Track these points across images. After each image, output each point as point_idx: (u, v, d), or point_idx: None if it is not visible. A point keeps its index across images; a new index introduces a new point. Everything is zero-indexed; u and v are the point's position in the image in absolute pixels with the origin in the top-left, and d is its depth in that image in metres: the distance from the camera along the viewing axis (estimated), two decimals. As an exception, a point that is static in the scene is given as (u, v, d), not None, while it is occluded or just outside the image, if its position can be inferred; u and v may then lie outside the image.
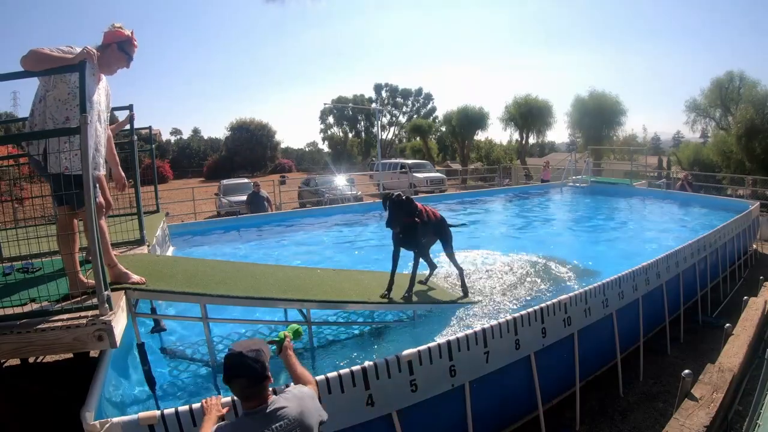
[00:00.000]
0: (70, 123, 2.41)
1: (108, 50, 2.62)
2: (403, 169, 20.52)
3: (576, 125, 25.02)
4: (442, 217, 4.20)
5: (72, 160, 2.42)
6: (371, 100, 44.22)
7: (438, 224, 4.10)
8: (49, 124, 2.42)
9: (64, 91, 2.42)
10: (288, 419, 1.60)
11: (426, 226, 3.87)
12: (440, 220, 4.13)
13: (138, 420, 1.82)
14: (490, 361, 2.79)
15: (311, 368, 3.38)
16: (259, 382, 1.62)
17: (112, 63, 2.67)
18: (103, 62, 2.60)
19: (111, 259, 2.77)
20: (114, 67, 2.71)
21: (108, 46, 2.62)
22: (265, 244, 7.64)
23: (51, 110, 2.43)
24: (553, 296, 3.39)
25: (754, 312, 4.09)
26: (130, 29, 2.69)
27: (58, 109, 2.43)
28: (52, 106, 2.43)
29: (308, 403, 1.71)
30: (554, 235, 8.25)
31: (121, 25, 2.67)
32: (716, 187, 16.43)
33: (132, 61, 2.74)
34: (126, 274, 2.80)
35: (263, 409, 1.61)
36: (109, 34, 2.63)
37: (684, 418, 2.52)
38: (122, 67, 2.73)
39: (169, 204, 12.09)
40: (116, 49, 2.64)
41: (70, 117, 2.43)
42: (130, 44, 2.69)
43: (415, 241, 3.79)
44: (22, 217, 5.57)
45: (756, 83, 18.61)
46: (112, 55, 2.65)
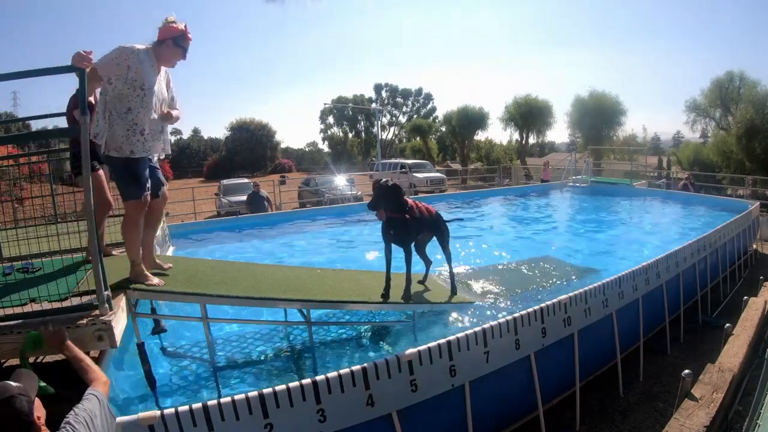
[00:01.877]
0: (131, 113, 2.66)
1: (164, 46, 2.76)
2: (403, 169, 20.51)
3: (576, 125, 25.05)
4: (438, 213, 4.08)
5: (135, 144, 2.69)
6: (371, 100, 44.25)
7: (433, 221, 3.98)
8: (112, 116, 2.66)
9: (124, 88, 2.63)
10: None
11: (418, 223, 3.75)
12: (435, 217, 4.01)
13: (138, 420, 1.81)
14: (490, 361, 2.79)
15: (311, 368, 3.39)
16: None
17: (170, 57, 2.81)
18: (161, 56, 2.77)
19: (136, 256, 2.86)
20: (173, 60, 2.85)
21: (163, 42, 2.75)
22: (265, 244, 7.63)
23: (111, 103, 2.66)
24: (553, 296, 3.39)
25: (754, 312, 4.09)
26: (183, 22, 2.81)
27: (119, 102, 2.65)
28: (112, 100, 2.66)
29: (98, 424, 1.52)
30: (554, 235, 8.25)
31: (174, 20, 2.78)
32: (716, 187, 16.43)
33: (187, 53, 2.86)
34: (146, 275, 2.87)
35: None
36: (164, 29, 2.75)
37: (684, 418, 2.52)
38: (180, 60, 2.87)
39: (169, 204, 12.07)
40: (171, 44, 2.76)
41: (131, 108, 2.67)
42: (184, 38, 2.80)
43: (405, 237, 3.66)
44: (22, 217, 5.57)
45: (756, 83, 18.65)
46: (168, 50, 2.78)
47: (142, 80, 2.67)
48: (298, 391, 2.08)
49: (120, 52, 2.60)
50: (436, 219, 4.00)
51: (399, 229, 3.59)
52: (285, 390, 2.05)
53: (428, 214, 3.90)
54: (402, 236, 3.63)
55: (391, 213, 3.51)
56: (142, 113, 2.70)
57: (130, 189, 2.72)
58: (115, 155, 2.69)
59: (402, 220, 3.57)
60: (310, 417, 2.12)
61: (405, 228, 3.60)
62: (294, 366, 3.47)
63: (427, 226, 3.94)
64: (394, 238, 3.64)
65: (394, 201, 3.50)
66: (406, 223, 3.59)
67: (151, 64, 2.72)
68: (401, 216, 3.55)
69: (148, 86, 2.69)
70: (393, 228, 3.59)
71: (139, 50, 2.67)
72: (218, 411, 1.91)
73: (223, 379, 3.18)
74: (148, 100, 2.72)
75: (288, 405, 2.05)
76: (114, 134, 2.66)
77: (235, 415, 1.94)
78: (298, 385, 2.09)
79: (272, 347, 3.69)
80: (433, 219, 3.96)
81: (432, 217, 3.95)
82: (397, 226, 3.58)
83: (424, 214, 3.83)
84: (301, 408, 2.09)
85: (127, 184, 2.72)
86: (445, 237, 4.09)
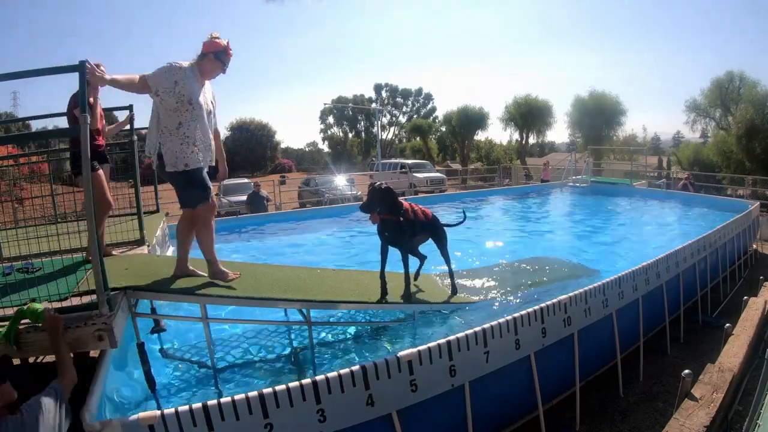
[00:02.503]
0: (182, 126, 2.81)
1: (206, 59, 2.93)
2: (403, 169, 20.51)
3: (576, 125, 25.05)
4: (435, 216, 4.10)
5: (189, 157, 2.84)
6: (371, 100, 44.26)
7: (429, 224, 4.00)
8: (164, 133, 2.82)
9: (172, 101, 2.79)
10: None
11: (413, 225, 3.76)
12: (432, 220, 4.03)
13: (138, 420, 1.82)
14: (490, 361, 2.79)
15: (311, 368, 3.39)
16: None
17: (211, 70, 2.98)
18: (203, 70, 2.94)
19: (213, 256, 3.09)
20: (213, 73, 3.02)
21: (206, 55, 2.93)
22: (265, 244, 7.64)
23: (164, 120, 2.83)
24: (553, 296, 3.39)
25: (754, 312, 4.09)
26: (226, 39, 2.98)
27: (170, 117, 2.82)
28: (164, 116, 2.83)
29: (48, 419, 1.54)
30: (554, 235, 8.25)
31: (218, 36, 2.95)
32: (716, 187, 16.42)
33: (227, 67, 3.03)
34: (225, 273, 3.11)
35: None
36: (207, 44, 2.93)
37: (684, 418, 2.52)
38: (219, 73, 3.04)
39: (169, 204, 12.06)
40: (213, 58, 2.93)
41: (182, 122, 2.82)
42: (225, 54, 2.97)
43: (400, 239, 3.69)
44: (22, 217, 5.58)
45: (756, 83, 18.64)
46: (210, 64, 2.95)
47: (190, 95, 2.84)
48: (298, 391, 2.08)
49: (169, 67, 2.80)
50: (432, 222, 4.02)
51: (393, 231, 3.64)
52: (285, 390, 2.05)
53: (424, 217, 3.91)
54: (397, 238, 3.67)
55: (385, 215, 3.57)
56: (193, 126, 2.87)
57: (196, 194, 2.93)
58: (171, 170, 2.85)
59: (396, 222, 3.61)
60: (310, 417, 2.12)
61: (399, 230, 3.64)
62: (294, 366, 3.47)
63: (423, 229, 3.96)
64: (389, 240, 3.68)
65: (388, 203, 3.56)
66: (401, 226, 3.64)
67: (195, 79, 2.89)
68: (395, 218, 3.60)
69: (195, 100, 2.86)
70: (388, 230, 3.63)
71: (185, 67, 2.85)
72: (218, 411, 1.91)
73: (223, 379, 3.19)
74: (197, 114, 2.89)
75: (288, 405, 2.05)
76: (168, 150, 2.83)
77: (235, 415, 1.94)
78: (298, 385, 2.09)
79: (272, 347, 3.69)
80: (429, 222, 3.98)
81: (428, 220, 3.97)
82: (392, 228, 3.63)
83: (419, 216, 3.86)
84: (301, 408, 2.09)
85: (191, 192, 2.93)
86: (443, 240, 4.12)
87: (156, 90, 2.76)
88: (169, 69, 2.79)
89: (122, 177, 5.21)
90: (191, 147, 2.85)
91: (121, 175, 5.09)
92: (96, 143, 3.41)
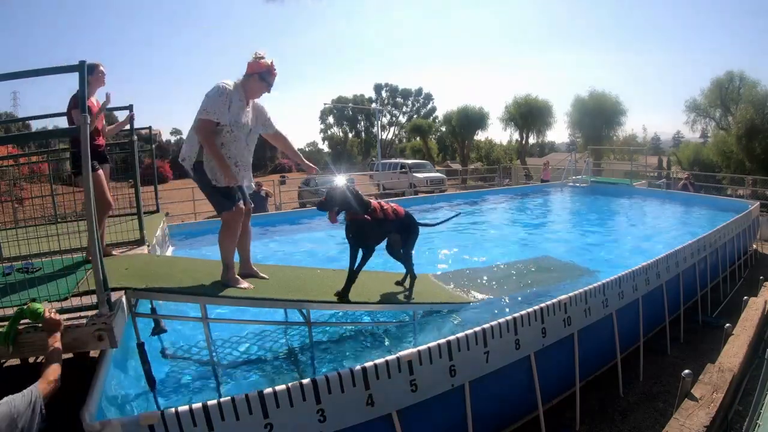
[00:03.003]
0: (223, 147, 2.94)
1: (251, 79, 3.01)
2: (403, 169, 20.52)
3: (576, 125, 25.05)
4: (408, 213, 3.86)
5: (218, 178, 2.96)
6: (371, 100, 44.25)
7: (401, 222, 3.76)
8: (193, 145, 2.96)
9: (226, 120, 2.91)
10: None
11: (381, 225, 3.55)
12: (404, 217, 3.79)
13: (138, 420, 1.82)
14: (490, 361, 2.79)
15: (311, 368, 3.39)
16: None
17: (256, 90, 3.07)
18: (248, 89, 3.03)
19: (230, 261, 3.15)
20: (258, 93, 3.10)
21: (251, 75, 3.01)
22: (265, 244, 7.64)
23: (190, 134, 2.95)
24: (553, 296, 3.38)
25: (754, 312, 4.09)
26: (270, 59, 3.04)
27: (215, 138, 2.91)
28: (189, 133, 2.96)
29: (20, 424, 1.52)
30: (554, 235, 8.26)
31: (263, 55, 3.02)
32: (716, 187, 16.43)
33: (272, 87, 3.12)
34: (237, 279, 3.15)
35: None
36: (252, 64, 3.01)
37: (684, 418, 2.52)
38: (265, 92, 3.12)
39: (169, 204, 12.08)
40: (258, 78, 3.01)
41: (223, 143, 2.94)
42: (269, 74, 3.04)
43: (364, 239, 3.50)
44: (22, 217, 5.58)
45: (756, 83, 18.64)
46: (255, 84, 3.03)
47: (232, 117, 2.93)
48: (298, 391, 2.08)
49: (221, 93, 2.88)
50: (403, 220, 3.79)
51: (359, 231, 3.46)
52: (285, 390, 2.05)
53: (395, 216, 3.69)
54: (361, 237, 3.48)
55: (351, 215, 3.39)
56: (233, 147, 2.98)
57: (221, 202, 3.03)
58: (214, 184, 2.97)
59: (363, 222, 3.42)
60: (310, 417, 2.12)
61: (365, 230, 3.45)
62: (294, 366, 3.47)
63: (396, 228, 3.74)
64: (353, 240, 3.49)
65: (348, 202, 3.34)
66: (368, 225, 3.44)
67: (239, 100, 2.98)
68: (361, 217, 3.40)
69: (236, 123, 2.95)
70: (353, 231, 3.46)
71: (232, 90, 2.94)
72: (218, 411, 1.91)
73: (223, 379, 3.19)
74: (237, 135, 2.98)
75: (288, 405, 2.05)
76: (212, 166, 2.94)
77: (235, 415, 1.94)
78: (298, 385, 2.09)
79: (272, 347, 3.69)
80: (400, 220, 3.75)
81: (399, 218, 3.74)
82: (358, 229, 3.45)
83: (389, 215, 3.63)
84: (301, 408, 2.09)
85: (217, 200, 3.04)
86: (412, 239, 3.88)
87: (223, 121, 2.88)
88: (222, 95, 2.87)
89: (122, 177, 5.20)
90: (231, 166, 2.96)
91: (121, 175, 5.09)
92: (96, 143, 3.41)
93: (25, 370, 3.48)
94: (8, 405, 1.54)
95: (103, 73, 3.39)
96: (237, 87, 2.98)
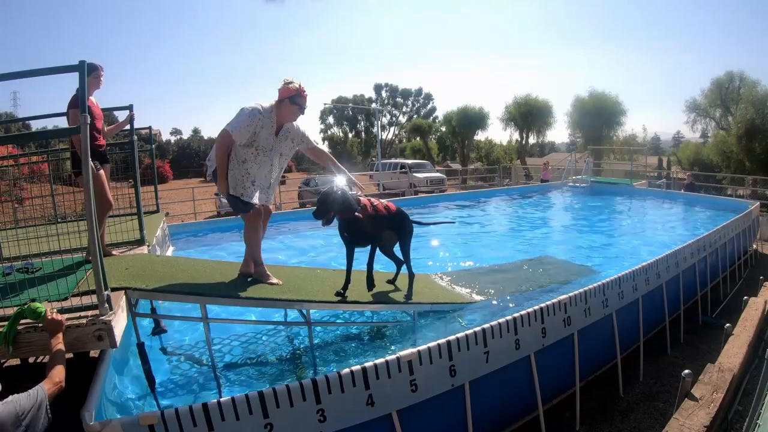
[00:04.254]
0: (246, 163, 3.12)
1: (282, 105, 3.15)
2: (403, 169, 20.52)
3: (576, 125, 25.05)
4: (400, 210, 3.86)
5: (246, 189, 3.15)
6: (371, 100, 44.21)
7: (392, 218, 3.76)
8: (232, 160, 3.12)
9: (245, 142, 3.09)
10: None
11: (373, 220, 3.56)
12: (395, 214, 3.78)
13: (138, 420, 1.82)
14: (490, 361, 2.79)
15: (311, 368, 3.39)
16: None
17: (289, 114, 3.20)
18: (281, 114, 3.17)
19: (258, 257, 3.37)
20: (292, 117, 3.23)
21: (282, 101, 3.15)
22: (265, 244, 7.61)
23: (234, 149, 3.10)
24: (553, 296, 3.38)
25: (754, 312, 4.09)
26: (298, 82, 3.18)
27: (238, 151, 3.10)
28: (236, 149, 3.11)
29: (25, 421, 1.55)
30: (554, 235, 8.25)
31: (291, 80, 3.16)
32: (716, 187, 16.41)
33: (305, 108, 3.25)
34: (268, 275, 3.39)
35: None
36: (282, 90, 3.15)
37: (684, 418, 2.52)
38: (299, 116, 3.26)
39: (169, 204, 12.09)
40: (289, 103, 3.15)
41: (246, 159, 3.12)
42: (299, 97, 3.17)
43: (360, 235, 3.56)
44: (22, 217, 5.57)
45: (756, 83, 18.62)
46: (287, 109, 3.17)
47: (259, 141, 3.10)
48: (298, 391, 2.08)
49: (253, 117, 3.01)
50: (396, 215, 3.79)
51: (354, 228, 3.49)
52: (285, 390, 2.05)
53: (386, 211, 3.69)
54: (359, 236, 3.52)
55: (344, 214, 3.40)
56: (255, 168, 3.14)
57: (239, 207, 3.20)
58: (232, 193, 3.13)
59: (355, 219, 3.44)
60: (310, 417, 2.12)
61: (360, 227, 3.47)
62: (294, 366, 3.47)
63: (386, 224, 3.73)
64: (352, 240, 3.53)
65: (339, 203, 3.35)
66: (361, 222, 3.46)
67: (270, 124, 3.12)
68: (352, 215, 3.41)
69: (262, 146, 3.13)
70: (348, 230, 3.49)
71: (265, 116, 3.07)
72: (218, 411, 1.91)
73: (223, 379, 3.19)
74: (262, 159, 3.16)
75: (288, 405, 2.05)
76: (232, 176, 3.11)
77: (235, 415, 1.94)
78: (298, 385, 2.09)
79: (272, 347, 3.69)
80: (392, 216, 3.75)
81: (391, 214, 3.74)
82: (352, 226, 3.48)
83: (381, 211, 3.64)
84: (301, 408, 2.09)
85: (237, 205, 3.19)
86: (407, 235, 3.88)
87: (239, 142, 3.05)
88: (252, 120, 3.01)
89: (122, 177, 5.20)
90: (249, 183, 3.13)
91: (121, 175, 5.08)
92: (96, 143, 3.41)
93: (25, 369, 3.48)
94: (14, 404, 1.56)
95: (101, 75, 3.39)
96: (271, 112, 3.12)
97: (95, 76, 3.32)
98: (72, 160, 3.46)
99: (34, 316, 2.03)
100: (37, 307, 2.04)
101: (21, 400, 1.59)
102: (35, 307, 2.04)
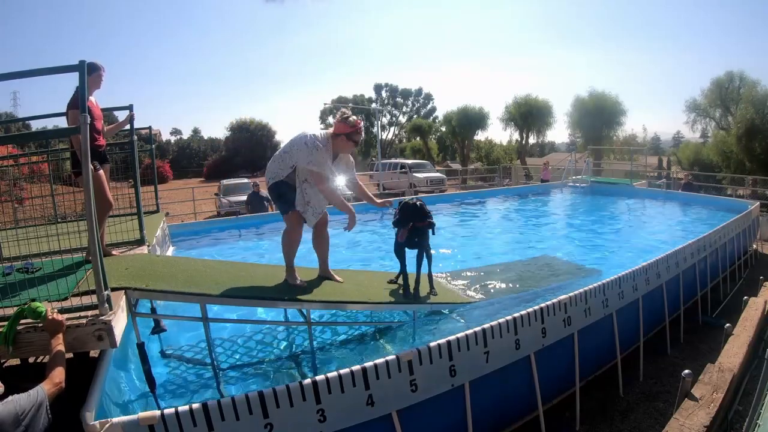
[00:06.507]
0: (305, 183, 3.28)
1: (338, 139, 3.30)
2: (403, 169, 20.51)
3: (576, 125, 25.03)
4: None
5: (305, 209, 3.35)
6: (371, 100, 44.18)
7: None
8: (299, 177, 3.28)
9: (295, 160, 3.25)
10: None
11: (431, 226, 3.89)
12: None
13: (138, 420, 1.82)
14: (490, 361, 2.79)
15: (311, 368, 3.39)
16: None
17: (343, 148, 3.37)
18: (336, 146, 3.32)
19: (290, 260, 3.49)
20: (346, 150, 3.42)
21: (338, 135, 3.30)
22: (265, 244, 7.63)
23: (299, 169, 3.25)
24: (553, 296, 3.38)
25: (754, 312, 4.09)
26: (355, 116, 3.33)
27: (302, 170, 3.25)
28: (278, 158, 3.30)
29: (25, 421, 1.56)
30: (554, 235, 8.25)
31: (348, 114, 3.30)
32: (716, 187, 16.41)
33: (359, 143, 3.47)
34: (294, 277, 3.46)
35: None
36: (339, 126, 3.29)
37: (684, 418, 2.52)
38: (353, 149, 3.46)
39: (169, 204, 12.09)
40: (345, 139, 3.31)
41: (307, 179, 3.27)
42: (356, 133, 3.33)
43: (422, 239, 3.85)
44: (22, 217, 5.57)
45: (756, 83, 18.60)
46: (342, 143, 3.32)
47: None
48: (298, 391, 2.08)
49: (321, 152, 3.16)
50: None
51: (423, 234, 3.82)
52: (285, 390, 2.05)
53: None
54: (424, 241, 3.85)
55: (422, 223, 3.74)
56: (312, 191, 3.29)
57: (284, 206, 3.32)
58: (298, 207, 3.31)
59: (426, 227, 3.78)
60: (310, 417, 2.12)
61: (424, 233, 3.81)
62: (294, 366, 3.47)
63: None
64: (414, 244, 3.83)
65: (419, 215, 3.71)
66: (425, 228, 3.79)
67: (327, 153, 3.25)
68: (428, 223, 3.76)
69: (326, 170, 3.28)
70: (418, 235, 3.79)
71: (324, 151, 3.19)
72: (218, 411, 1.91)
73: (223, 379, 3.19)
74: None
75: (288, 405, 2.05)
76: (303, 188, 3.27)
77: (235, 415, 1.94)
78: (298, 385, 2.09)
79: (272, 347, 3.69)
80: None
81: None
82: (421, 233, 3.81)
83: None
84: (301, 408, 2.09)
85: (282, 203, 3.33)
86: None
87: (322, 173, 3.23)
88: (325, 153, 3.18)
89: (122, 177, 5.20)
90: (305, 202, 3.30)
91: (121, 175, 5.08)
92: (96, 143, 3.41)
93: (25, 369, 3.48)
94: (14, 404, 1.57)
95: (102, 75, 3.39)
96: (328, 142, 3.25)
97: (96, 76, 3.31)
98: (72, 160, 3.46)
99: (34, 316, 2.03)
100: (38, 307, 2.04)
101: (21, 401, 1.59)
102: (35, 307, 2.04)
